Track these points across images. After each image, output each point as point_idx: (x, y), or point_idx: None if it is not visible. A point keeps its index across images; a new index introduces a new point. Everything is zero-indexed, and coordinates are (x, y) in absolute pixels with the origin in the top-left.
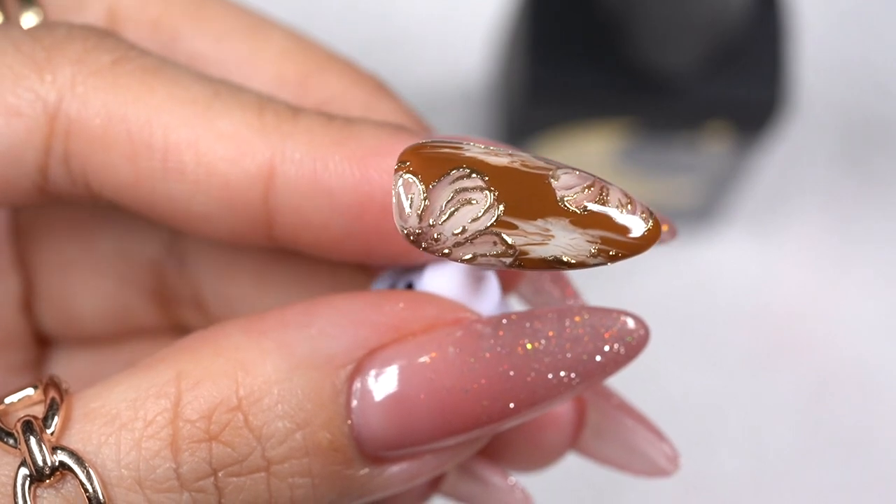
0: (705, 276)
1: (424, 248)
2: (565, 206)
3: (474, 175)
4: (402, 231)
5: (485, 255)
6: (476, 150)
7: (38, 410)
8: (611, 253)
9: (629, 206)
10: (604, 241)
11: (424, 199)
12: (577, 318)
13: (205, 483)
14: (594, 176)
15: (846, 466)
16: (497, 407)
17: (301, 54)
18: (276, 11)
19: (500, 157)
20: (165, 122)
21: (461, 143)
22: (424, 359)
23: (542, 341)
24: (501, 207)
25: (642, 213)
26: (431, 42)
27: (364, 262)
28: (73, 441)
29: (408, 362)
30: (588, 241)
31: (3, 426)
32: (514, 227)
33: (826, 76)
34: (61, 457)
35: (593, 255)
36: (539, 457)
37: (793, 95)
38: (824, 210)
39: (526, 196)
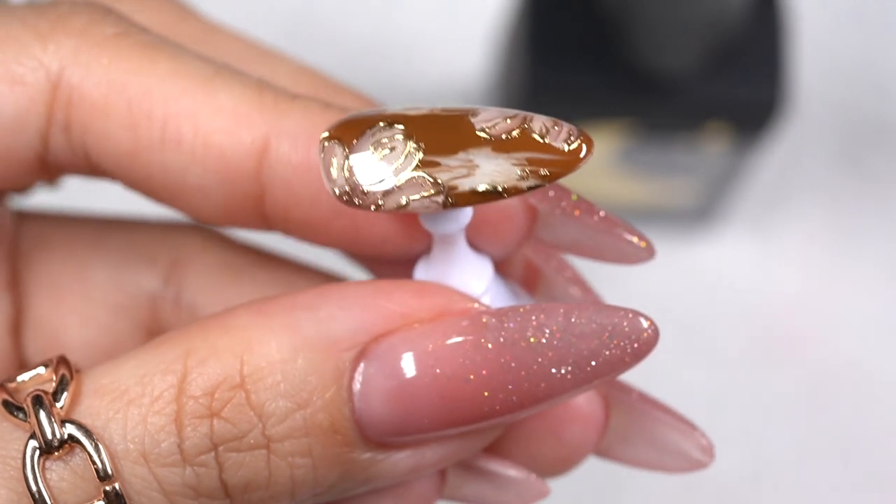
0: (704, 275)
1: (358, 205)
2: (485, 135)
3: (391, 126)
4: (334, 193)
5: (416, 199)
6: (396, 108)
7: (49, 388)
8: (541, 172)
9: (555, 128)
10: (530, 161)
11: (347, 157)
12: (585, 315)
13: (206, 458)
14: (519, 111)
15: (845, 465)
16: (499, 398)
17: (314, 78)
18: (277, 12)
19: (421, 110)
20: (166, 92)
21: (384, 107)
22: (428, 346)
23: (547, 335)
24: (421, 147)
25: (568, 133)
26: (431, 42)
27: (350, 247)
28: (82, 416)
29: (411, 349)
30: (514, 164)
31: (13, 401)
32: (437, 164)
33: (825, 76)
34: (70, 430)
35: (523, 178)
36: (562, 456)
37: (792, 96)
38: (823, 210)
39: (444, 134)
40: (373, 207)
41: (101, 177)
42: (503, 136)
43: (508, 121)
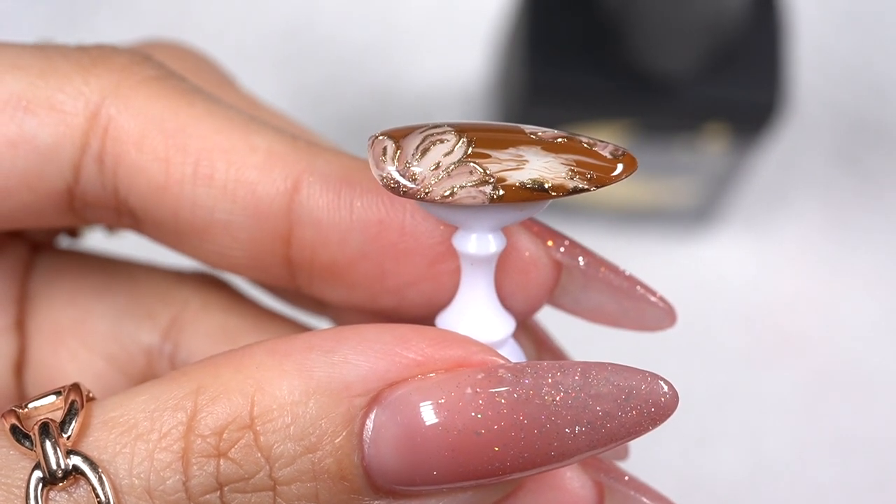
0: (703, 275)
1: (405, 193)
2: (535, 137)
3: (440, 127)
4: (381, 181)
5: (464, 187)
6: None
7: (60, 416)
8: (588, 175)
9: (601, 142)
10: (578, 163)
11: (397, 148)
12: (602, 375)
13: (211, 497)
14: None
15: (844, 465)
16: (510, 454)
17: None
18: (278, 12)
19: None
20: (202, 129)
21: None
22: (441, 398)
23: (563, 393)
24: (473, 140)
25: (615, 148)
26: (431, 43)
27: (371, 298)
28: (89, 448)
29: (424, 399)
30: (562, 164)
31: (21, 428)
32: (488, 156)
33: (823, 78)
34: (75, 461)
35: (570, 177)
36: None
37: (790, 97)
38: (821, 210)
39: (495, 133)
40: (420, 195)
41: (124, 222)
42: (553, 140)
43: (555, 131)
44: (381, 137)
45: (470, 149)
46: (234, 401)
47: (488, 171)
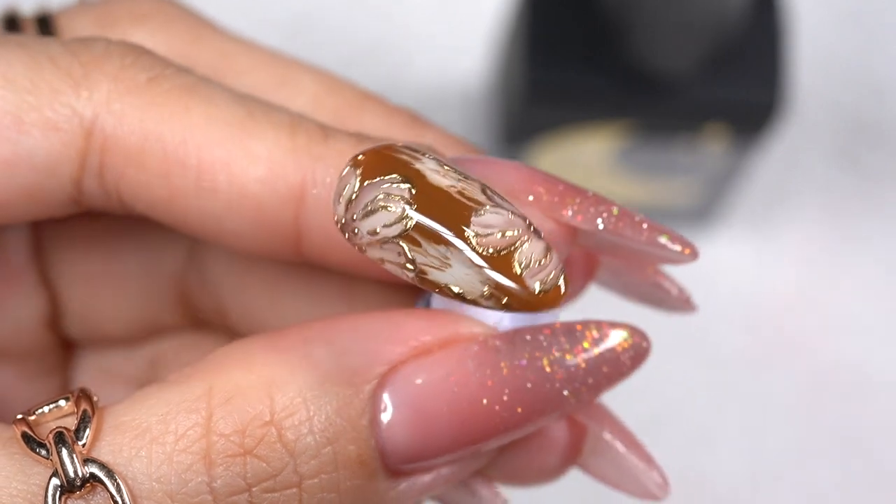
0: (703, 275)
1: (348, 239)
2: (469, 241)
3: (404, 185)
4: (334, 217)
5: (391, 263)
6: (430, 165)
7: (69, 422)
8: (503, 301)
9: (540, 263)
10: (497, 287)
11: (354, 194)
12: (584, 331)
13: (238, 498)
14: (526, 224)
15: (844, 465)
16: (514, 418)
17: (333, 98)
18: (278, 12)
19: (447, 178)
20: (200, 142)
21: (422, 155)
22: (445, 373)
23: (555, 354)
24: (411, 222)
25: (549, 274)
26: (430, 43)
27: (388, 279)
28: (103, 453)
29: (430, 377)
30: (480, 283)
31: (35, 437)
32: (419, 244)
33: (823, 78)
34: (92, 468)
35: (485, 297)
36: (531, 477)
37: (790, 97)
38: (822, 210)
39: (441, 217)
40: (357, 249)
41: (135, 215)
42: (487, 251)
43: (505, 236)
44: (351, 169)
45: (406, 228)
46: (251, 398)
47: (414, 261)
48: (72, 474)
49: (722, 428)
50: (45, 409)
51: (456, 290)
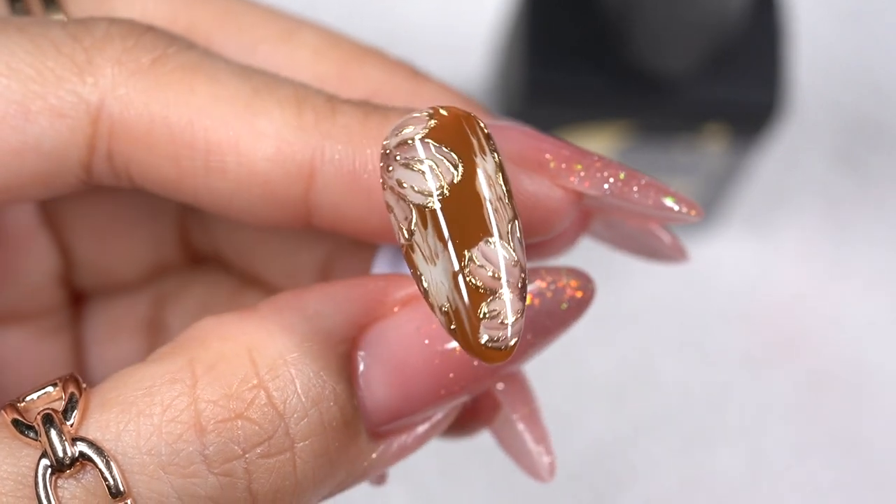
0: (703, 275)
1: (380, 167)
2: (464, 261)
3: (453, 169)
4: (384, 140)
5: (395, 217)
6: (489, 165)
7: (57, 406)
8: (451, 327)
9: (501, 322)
10: (454, 311)
11: (412, 140)
12: (535, 277)
13: (233, 465)
14: (519, 277)
15: (844, 465)
16: (483, 365)
17: (335, 51)
18: None
19: (490, 190)
20: (206, 122)
21: (490, 151)
22: (415, 327)
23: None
24: (430, 208)
25: (506, 333)
26: (430, 44)
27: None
28: (91, 430)
29: (400, 333)
30: (446, 297)
31: (23, 420)
32: (425, 227)
33: (823, 78)
34: (81, 447)
35: (441, 311)
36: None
37: (790, 97)
38: (821, 210)
39: (455, 221)
40: (381, 182)
41: (146, 192)
42: (473, 280)
43: (495, 277)
44: (426, 119)
45: (424, 207)
46: (234, 363)
47: (412, 234)
48: (60, 454)
49: (722, 428)
50: (34, 395)
51: (425, 284)
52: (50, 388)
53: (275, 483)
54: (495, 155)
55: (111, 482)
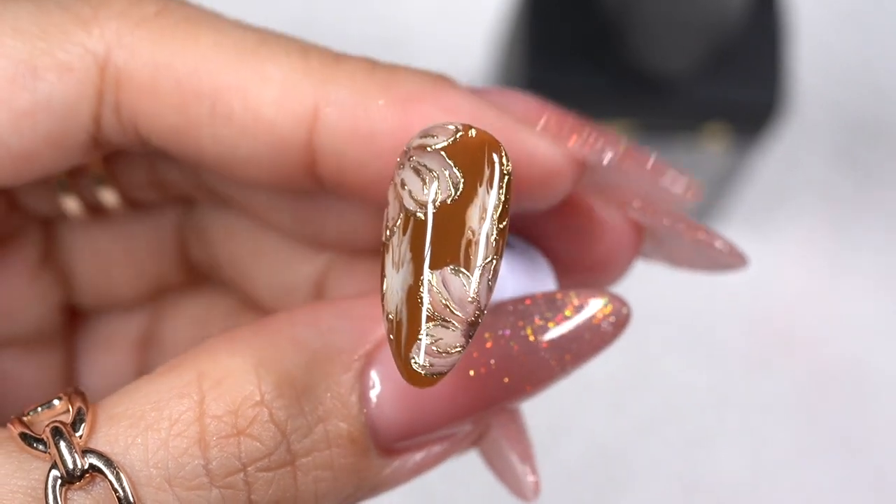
0: (704, 275)
1: (397, 161)
2: (424, 280)
3: (452, 189)
4: (410, 137)
5: (388, 211)
6: (492, 198)
7: (63, 419)
8: (390, 336)
9: (436, 349)
10: (396, 322)
11: (433, 147)
12: (565, 300)
13: (234, 479)
14: (473, 314)
15: (844, 465)
16: (497, 386)
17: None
18: (278, 11)
19: (482, 223)
20: (212, 68)
21: (502, 185)
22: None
23: (538, 323)
24: (419, 216)
25: (432, 366)
26: (430, 43)
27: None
28: (99, 444)
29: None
30: (396, 306)
31: (31, 433)
32: (404, 232)
33: (823, 77)
34: (91, 459)
35: (387, 318)
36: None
37: (790, 97)
38: (822, 210)
39: (432, 239)
40: (393, 175)
41: (151, 149)
42: (423, 301)
43: (447, 306)
44: (453, 132)
45: (412, 213)
46: (240, 380)
47: (392, 232)
48: (71, 465)
49: (722, 428)
50: (39, 409)
51: (383, 287)
52: (55, 402)
53: (275, 495)
54: (502, 193)
55: (122, 494)
